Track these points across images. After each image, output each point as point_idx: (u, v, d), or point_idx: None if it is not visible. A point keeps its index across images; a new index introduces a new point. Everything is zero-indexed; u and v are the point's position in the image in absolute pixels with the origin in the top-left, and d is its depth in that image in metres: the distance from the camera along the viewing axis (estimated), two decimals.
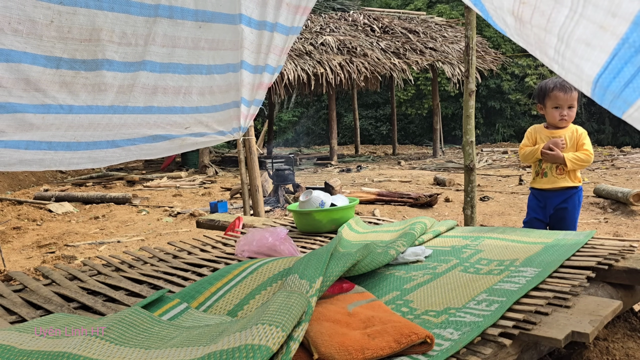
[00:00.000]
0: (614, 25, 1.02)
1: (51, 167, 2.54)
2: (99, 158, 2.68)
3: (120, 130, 2.61)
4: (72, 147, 2.50)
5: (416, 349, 1.26)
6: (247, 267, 1.88)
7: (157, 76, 2.53)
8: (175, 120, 2.85)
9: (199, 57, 2.67)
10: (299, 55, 10.10)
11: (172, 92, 2.65)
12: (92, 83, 2.29)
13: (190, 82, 2.72)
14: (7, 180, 9.09)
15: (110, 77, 2.32)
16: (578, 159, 2.52)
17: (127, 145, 2.73)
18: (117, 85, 2.37)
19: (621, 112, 1.16)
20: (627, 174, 7.48)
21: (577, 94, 2.50)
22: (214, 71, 2.83)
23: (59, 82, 2.20)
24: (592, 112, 15.43)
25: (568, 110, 2.54)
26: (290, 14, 3.02)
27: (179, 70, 2.61)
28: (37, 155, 2.41)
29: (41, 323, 1.50)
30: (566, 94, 2.52)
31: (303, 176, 9.08)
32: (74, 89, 2.26)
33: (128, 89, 2.44)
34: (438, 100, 12.67)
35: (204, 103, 2.90)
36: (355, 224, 2.83)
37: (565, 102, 2.53)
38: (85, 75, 2.25)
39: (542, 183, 2.63)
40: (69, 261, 3.89)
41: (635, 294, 1.88)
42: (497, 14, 1.54)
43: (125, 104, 2.49)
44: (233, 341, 1.15)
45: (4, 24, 1.94)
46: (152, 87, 2.53)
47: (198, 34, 2.56)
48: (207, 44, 2.66)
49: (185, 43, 2.54)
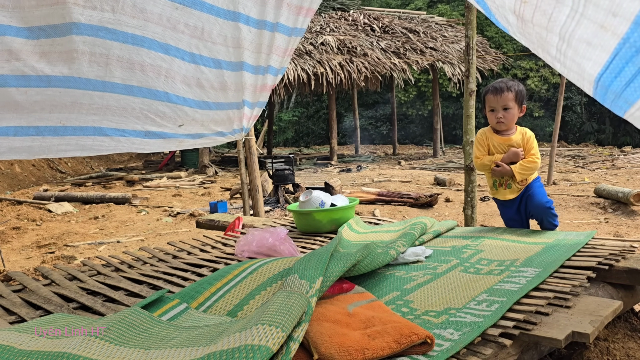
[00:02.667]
0: (614, 24, 1.02)
1: (40, 154, 2.56)
2: (87, 146, 2.68)
3: (106, 115, 2.61)
4: (59, 132, 2.52)
5: (416, 349, 1.26)
6: (247, 268, 1.87)
7: (132, 49, 2.51)
8: (163, 111, 2.81)
9: (179, 41, 2.65)
10: (299, 55, 10.10)
11: (151, 72, 2.63)
12: (66, 50, 2.31)
13: (171, 65, 2.69)
14: (7, 180, 9.09)
15: (80, 42, 2.33)
16: (526, 169, 2.46)
17: (116, 135, 2.73)
18: (89, 52, 2.38)
19: (623, 111, 1.16)
20: (628, 174, 7.47)
21: (511, 94, 2.42)
22: (200, 62, 2.80)
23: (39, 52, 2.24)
24: (593, 112, 15.42)
25: (504, 112, 2.45)
26: (292, 15, 3.01)
27: (154, 47, 2.58)
28: (25, 142, 2.44)
29: (41, 323, 1.49)
30: (496, 96, 2.44)
31: (303, 176, 9.07)
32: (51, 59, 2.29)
33: (102, 59, 2.43)
34: (438, 100, 12.67)
35: (191, 95, 2.87)
36: (355, 224, 2.83)
37: (497, 104, 2.45)
38: (60, 42, 2.28)
39: (506, 194, 2.55)
40: (68, 261, 3.89)
41: (635, 294, 1.88)
42: (500, 12, 1.54)
43: (103, 78, 2.49)
44: (233, 341, 1.15)
45: None
46: (128, 60, 2.52)
47: (175, 15, 2.54)
48: (189, 30, 2.64)
49: (159, 20, 2.52)
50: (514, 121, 2.50)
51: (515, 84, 2.47)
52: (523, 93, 2.48)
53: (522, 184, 2.52)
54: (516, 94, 2.44)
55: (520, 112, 2.49)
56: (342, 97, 19.11)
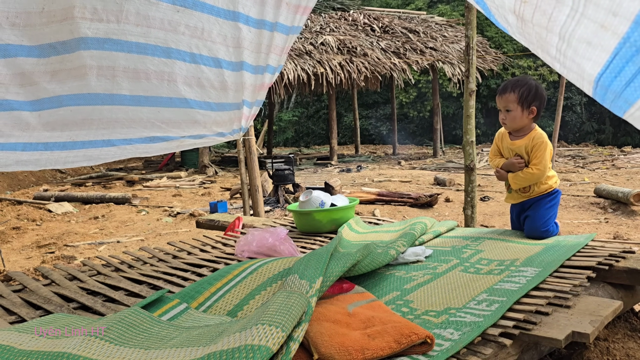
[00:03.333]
0: (615, 24, 1.02)
1: (47, 166, 2.55)
2: (94, 156, 2.68)
3: (115, 128, 2.61)
4: (68, 146, 2.51)
5: (416, 349, 1.26)
6: (246, 268, 1.87)
7: (136, 58, 2.51)
8: (169, 117, 2.81)
9: (179, 42, 2.64)
10: (299, 55, 10.10)
11: (155, 78, 2.63)
12: (75, 67, 2.30)
13: (172, 67, 2.68)
14: (7, 180, 9.09)
15: (88, 57, 2.32)
16: (521, 180, 2.32)
17: (123, 144, 2.73)
18: (96, 66, 2.37)
19: (622, 111, 1.16)
20: (628, 174, 7.48)
21: (513, 95, 2.27)
22: (200, 61, 2.80)
23: (50, 71, 2.22)
24: (593, 112, 15.43)
25: (505, 114, 2.32)
26: (290, 14, 3.01)
27: (157, 53, 2.58)
28: (33, 156, 2.42)
29: (41, 323, 1.49)
30: (500, 97, 2.33)
31: (303, 176, 9.07)
32: (61, 77, 2.27)
33: (109, 72, 2.43)
34: (438, 100, 12.67)
35: (192, 96, 2.87)
36: (355, 224, 2.83)
37: (500, 105, 2.34)
38: (69, 59, 2.27)
39: (507, 197, 2.48)
40: (68, 261, 3.89)
41: (635, 294, 1.88)
42: (499, 12, 1.54)
43: (111, 91, 2.49)
44: (233, 341, 1.15)
45: (2, 19, 1.95)
46: (133, 70, 2.51)
47: (176, 18, 2.53)
48: (189, 31, 2.63)
49: (161, 24, 2.51)
50: (518, 123, 2.32)
51: (523, 83, 2.29)
52: (533, 92, 2.27)
53: (524, 192, 2.38)
54: (520, 94, 2.26)
55: (529, 114, 2.29)
56: (342, 97, 19.11)
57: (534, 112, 2.29)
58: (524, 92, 2.27)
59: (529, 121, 2.32)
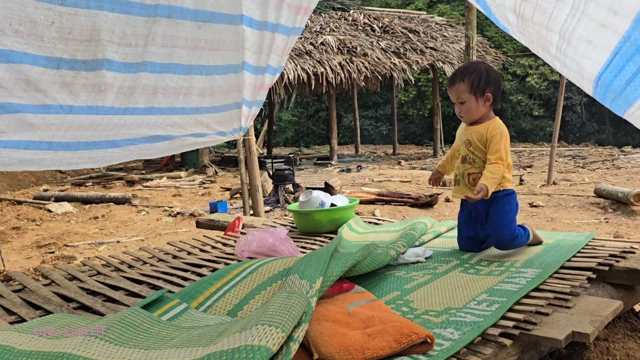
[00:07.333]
0: (615, 23, 1.02)
1: (51, 166, 2.54)
2: (98, 158, 2.68)
3: (120, 130, 2.61)
4: (72, 147, 2.51)
5: (416, 348, 1.26)
6: (246, 267, 1.87)
7: (157, 77, 2.53)
8: (176, 121, 2.85)
9: (199, 58, 2.66)
10: (299, 54, 10.10)
11: (172, 93, 2.65)
12: (92, 83, 2.28)
13: (191, 82, 2.71)
14: (7, 180, 9.09)
15: (110, 78, 2.32)
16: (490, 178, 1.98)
17: (126, 145, 2.73)
18: (117, 85, 2.37)
19: (622, 111, 1.16)
20: (628, 174, 7.47)
21: (463, 85, 2.03)
22: (215, 72, 2.82)
23: (60, 82, 2.20)
24: (593, 112, 15.43)
25: (460, 106, 2.08)
26: (291, 15, 3.01)
27: (179, 71, 2.61)
28: (36, 155, 2.41)
29: (41, 323, 1.49)
30: (450, 88, 2.09)
31: (303, 176, 9.07)
32: (74, 89, 2.25)
33: (129, 90, 2.44)
34: (439, 99, 12.66)
35: (204, 104, 2.90)
36: (356, 224, 2.83)
37: (453, 98, 2.11)
38: (86, 76, 2.25)
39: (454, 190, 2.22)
40: (68, 261, 3.89)
41: (635, 294, 1.88)
42: (500, 11, 1.54)
43: (126, 105, 2.49)
44: (233, 342, 1.14)
45: (4, 24, 1.93)
46: (153, 87, 2.53)
47: (198, 34, 2.55)
48: (207, 45, 2.65)
49: (185, 43, 2.53)
50: (475, 114, 2.08)
51: (472, 70, 2.05)
52: (484, 78, 2.03)
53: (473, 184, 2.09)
54: (471, 83, 2.02)
55: (485, 102, 2.05)
56: (342, 97, 19.11)
57: (489, 98, 2.05)
58: (474, 79, 2.02)
59: (487, 109, 2.08)
